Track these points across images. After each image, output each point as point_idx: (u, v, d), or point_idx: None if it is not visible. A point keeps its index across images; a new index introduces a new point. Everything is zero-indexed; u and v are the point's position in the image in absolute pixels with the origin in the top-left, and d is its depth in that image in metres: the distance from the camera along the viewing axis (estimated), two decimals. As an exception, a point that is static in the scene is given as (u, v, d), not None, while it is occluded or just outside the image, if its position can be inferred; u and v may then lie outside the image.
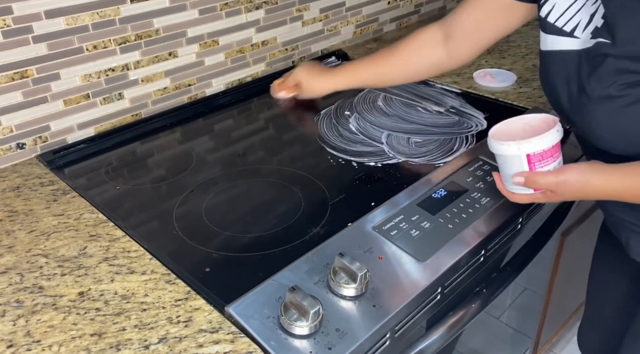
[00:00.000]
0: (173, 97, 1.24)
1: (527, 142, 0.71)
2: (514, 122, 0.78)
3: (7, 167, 1.03)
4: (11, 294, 0.73)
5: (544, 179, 0.72)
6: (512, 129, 0.77)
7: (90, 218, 0.88)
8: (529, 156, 0.72)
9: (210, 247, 0.83)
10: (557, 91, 0.76)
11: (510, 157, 0.73)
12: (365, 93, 1.28)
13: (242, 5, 1.27)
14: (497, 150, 0.74)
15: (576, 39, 0.73)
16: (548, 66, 0.78)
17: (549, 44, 0.76)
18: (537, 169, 0.72)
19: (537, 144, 0.71)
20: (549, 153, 0.72)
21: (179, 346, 0.65)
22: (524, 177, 0.73)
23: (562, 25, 0.74)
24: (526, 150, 0.71)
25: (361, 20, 1.58)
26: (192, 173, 1.02)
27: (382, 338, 0.72)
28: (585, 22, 0.72)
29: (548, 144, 0.71)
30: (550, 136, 0.71)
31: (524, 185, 0.74)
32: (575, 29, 0.73)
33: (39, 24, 0.99)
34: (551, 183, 0.72)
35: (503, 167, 0.76)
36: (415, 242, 0.81)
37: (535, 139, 0.71)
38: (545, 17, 0.77)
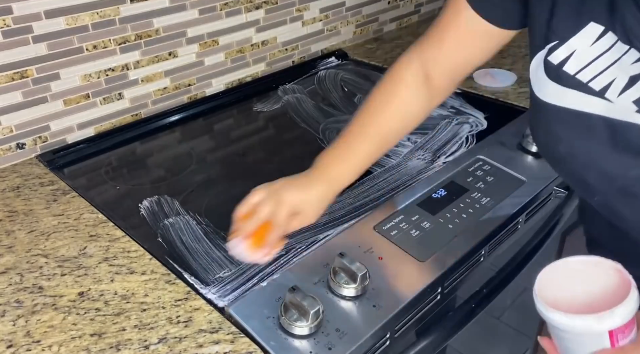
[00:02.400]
0: (173, 97, 1.24)
1: (611, 314, 0.51)
2: (557, 270, 0.59)
3: (7, 167, 1.03)
4: (11, 294, 0.73)
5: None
6: (557, 280, 0.59)
7: (90, 218, 0.88)
8: (612, 331, 0.52)
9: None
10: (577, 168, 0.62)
11: (586, 336, 0.54)
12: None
13: (242, 5, 1.27)
14: (566, 326, 0.54)
15: (608, 102, 0.57)
16: (564, 126, 0.62)
17: (570, 100, 0.60)
18: (620, 342, 0.53)
19: (622, 314, 0.51)
20: (632, 321, 0.53)
21: (179, 346, 0.65)
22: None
23: (588, 81, 0.59)
24: (610, 325, 0.52)
25: (361, 20, 1.58)
26: (192, 173, 1.02)
27: (382, 338, 0.72)
28: (622, 84, 0.57)
29: (633, 312, 0.52)
30: (633, 299, 0.52)
31: None
32: (606, 90, 0.58)
33: (39, 24, 0.99)
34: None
35: (568, 343, 0.56)
36: (415, 242, 0.81)
37: (620, 309, 0.51)
38: (559, 66, 0.62)
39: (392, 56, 1.49)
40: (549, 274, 0.59)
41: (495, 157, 0.99)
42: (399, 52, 1.60)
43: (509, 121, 1.13)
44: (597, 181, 0.61)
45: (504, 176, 0.95)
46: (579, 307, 0.54)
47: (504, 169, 0.96)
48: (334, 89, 1.32)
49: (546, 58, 0.63)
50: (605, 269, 0.56)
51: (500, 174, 0.95)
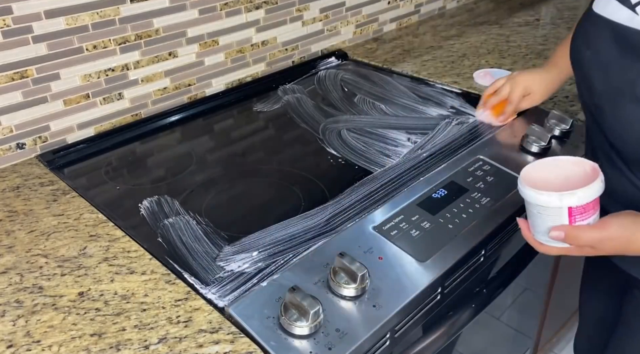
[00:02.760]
0: (173, 97, 1.24)
1: (571, 195, 0.63)
2: (545, 165, 0.70)
3: (7, 167, 1.03)
4: (11, 294, 0.73)
5: (586, 235, 0.65)
6: (543, 172, 0.69)
7: (90, 218, 0.88)
8: (571, 209, 0.64)
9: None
10: (594, 68, 0.68)
11: (549, 209, 0.65)
12: (360, 98, 1.28)
13: (242, 5, 1.27)
14: (534, 199, 0.65)
15: (635, 15, 0.63)
16: (596, 33, 0.69)
17: (610, 10, 0.67)
18: (577, 222, 0.65)
19: (581, 197, 0.63)
20: (591, 206, 0.64)
21: (179, 346, 0.65)
22: (564, 232, 0.65)
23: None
24: (569, 203, 0.63)
25: (361, 20, 1.58)
26: (192, 173, 1.02)
27: (382, 338, 0.72)
28: None
29: (592, 196, 0.63)
30: (595, 187, 0.63)
31: (564, 240, 0.66)
32: (638, 4, 0.63)
33: (39, 24, 0.99)
34: (594, 240, 0.65)
35: (536, 217, 0.68)
36: (415, 242, 0.81)
37: (580, 192, 0.63)
38: None
39: (392, 56, 1.49)
40: (539, 165, 0.70)
41: (495, 157, 0.99)
42: (399, 52, 1.61)
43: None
44: (599, 82, 0.68)
45: (504, 176, 0.95)
46: (555, 190, 0.64)
47: (504, 169, 0.96)
48: (334, 89, 1.32)
49: None
50: (584, 166, 0.68)
51: (500, 174, 0.95)
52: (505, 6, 1.88)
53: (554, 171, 0.69)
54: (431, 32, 1.66)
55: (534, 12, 1.80)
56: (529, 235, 0.72)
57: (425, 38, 1.61)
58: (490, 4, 1.92)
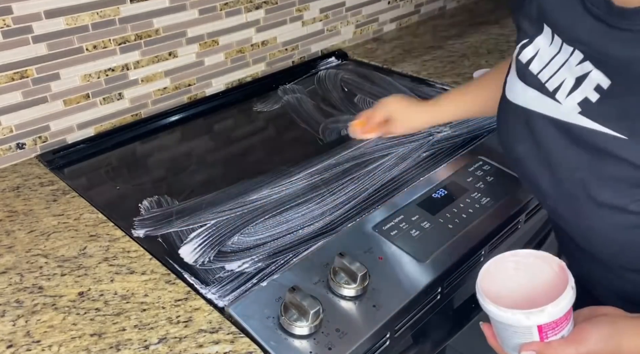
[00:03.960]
0: (173, 97, 1.24)
1: (540, 312, 0.54)
2: (504, 261, 0.61)
3: (7, 167, 1.03)
4: (11, 294, 0.73)
5: (562, 352, 0.55)
6: (502, 272, 0.60)
7: (90, 218, 0.88)
8: (541, 326, 0.55)
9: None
10: (534, 167, 0.62)
11: (515, 327, 0.56)
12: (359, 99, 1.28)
13: (242, 5, 1.27)
14: (496, 317, 0.56)
15: (558, 104, 0.58)
16: (522, 126, 0.63)
17: (529, 100, 0.62)
18: (550, 338, 0.56)
19: (552, 312, 0.54)
20: (563, 318, 0.55)
21: (179, 346, 0.65)
22: (536, 352, 0.56)
23: (545, 81, 0.60)
24: (538, 321, 0.54)
25: (361, 20, 1.58)
26: (192, 173, 1.02)
27: (382, 338, 0.72)
28: (569, 85, 0.58)
29: (564, 310, 0.54)
30: (566, 299, 0.54)
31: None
32: (557, 91, 0.59)
33: (38, 24, 0.99)
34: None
35: (501, 332, 0.59)
36: (415, 242, 0.81)
37: (550, 307, 0.54)
38: (526, 64, 0.63)
39: (392, 56, 1.49)
40: (498, 263, 0.61)
41: (495, 157, 0.99)
42: (399, 52, 1.61)
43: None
44: (548, 184, 0.62)
45: (504, 176, 0.95)
46: (521, 297, 0.57)
47: (504, 169, 0.96)
48: (334, 89, 1.32)
49: (517, 57, 0.64)
50: (551, 264, 0.58)
51: (500, 174, 0.95)
52: (505, 6, 1.88)
53: (517, 266, 0.60)
54: (431, 32, 1.66)
55: (534, 12, 1.80)
56: (496, 345, 0.61)
57: (425, 38, 1.61)
58: (490, 4, 1.92)
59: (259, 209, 0.90)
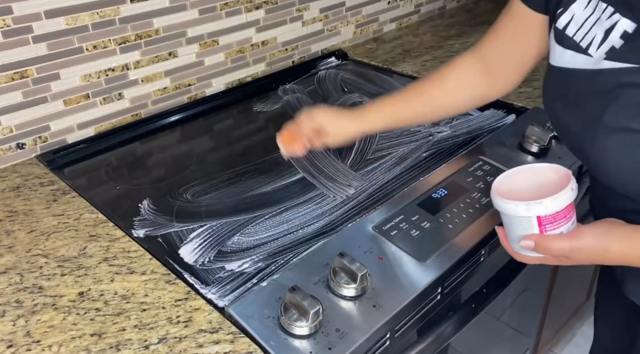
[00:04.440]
0: (173, 97, 1.24)
1: (538, 204, 0.61)
2: (521, 172, 0.68)
3: (7, 167, 1.03)
4: (11, 294, 0.73)
5: (556, 245, 0.63)
6: (518, 180, 0.68)
7: (90, 218, 0.88)
8: (540, 218, 0.62)
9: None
10: (567, 115, 0.68)
11: (518, 218, 0.63)
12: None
13: (242, 5, 1.27)
14: (502, 209, 0.64)
15: (589, 57, 0.65)
16: (559, 84, 0.69)
17: (566, 60, 0.68)
18: (548, 231, 0.63)
19: (549, 206, 0.61)
20: (561, 214, 0.62)
21: (179, 346, 0.65)
22: (534, 242, 0.64)
23: (580, 40, 0.66)
24: (536, 212, 0.61)
25: (361, 20, 1.58)
26: (192, 173, 1.02)
27: (382, 338, 0.72)
28: (599, 39, 0.64)
29: (561, 205, 0.61)
30: (564, 196, 0.61)
31: (534, 250, 0.65)
32: (589, 46, 0.65)
33: (39, 24, 0.99)
34: (565, 249, 0.63)
35: (509, 226, 0.67)
36: (415, 242, 0.81)
37: (548, 200, 0.60)
38: (563, 29, 0.69)
39: (392, 56, 1.49)
40: (514, 173, 0.68)
41: (495, 157, 0.99)
42: (399, 52, 1.61)
43: (509, 121, 1.13)
44: (576, 124, 0.67)
45: (504, 176, 0.95)
46: (529, 197, 0.62)
47: (504, 169, 0.96)
48: (334, 89, 1.32)
49: (555, 25, 0.70)
50: (560, 174, 0.65)
51: (500, 174, 0.95)
52: (505, 6, 1.88)
53: (530, 178, 0.67)
54: (431, 32, 1.66)
55: (534, 12, 1.80)
56: (506, 244, 0.70)
57: (425, 38, 1.61)
58: (490, 4, 1.92)
59: (259, 209, 0.90)
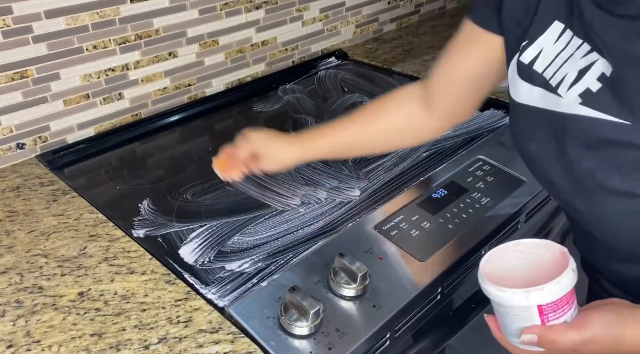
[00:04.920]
0: (173, 97, 1.24)
1: (539, 290, 0.53)
2: (509, 251, 0.60)
3: (7, 167, 1.03)
4: (11, 294, 0.73)
5: (564, 338, 0.54)
6: (507, 259, 0.60)
7: (90, 218, 0.88)
8: (541, 307, 0.54)
9: (210, 247, 0.83)
10: (547, 162, 0.63)
11: (515, 309, 0.55)
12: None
13: (242, 5, 1.27)
14: (495, 298, 0.56)
15: (560, 98, 0.59)
16: (531, 124, 0.64)
17: (535, 98, 0.63)
18: (551, 321, 0.55)
19: (551, 292, 0.53)
20: (564, 300, 0.54)
21: (179, 346, 0.65)
22: (537, 335, 0.55)
23: (549, 78, 0.61)
24: (537, 300, 0.53)
25: (361, 20, 1.58)
26: (192, 173, 1.02)
27: (382, 338, 0.72)
28: (572, 78, 0.58)
29: (564, 290, 0.54)
30: (566, 279, 0.54)
31: (537, 344, 0.56)
32: (559, 85, 0.60)
33: (39, 24, 0.99)
34: (575, 342, 0.54)
35: (503, 317, 0.58)
36: (415, 242, 0.81)
37: (549, 286, 0.53)
38: (530, 65, 0.63)
39: (392, 56, 1.49)
40: (500, 252, 0.60)
41: (495, 157, 0.99)
42: (399, 52, 1.60)
43: (509, 121, 1.13)
44: (561, 178, 0.62)
45: (504, 176, 0.95)
46: (522, 283, 0.55)
47: (504, 169, 0.96)
48: (334, 89, 1.32)
49: (519, 59, 0.65)
50: (553, 251, 0.58)
51: (500, 174, 0.95)
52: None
53: (519, 257, 0.60)
54: (431, 32, 1.66)
55: (534, 12, 1.80)
56: (500, 336, 0.61)
57: (425, 38, 1.61)
58: (490, 4, 1.92)
59: (259, 209, 0.90)
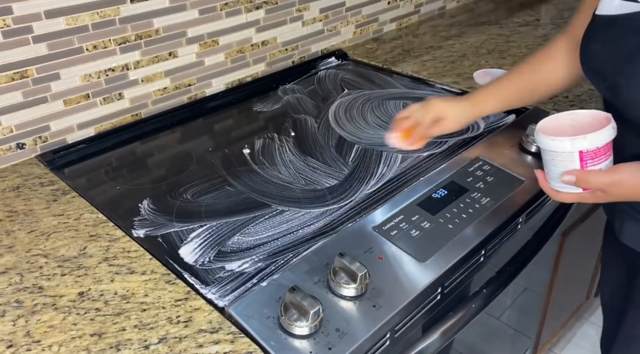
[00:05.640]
0: (173, 97, 1.24)
1: (582, 139, 0.66)
2: (562, 118, 0.73)
3: (7, 167, 1.03)
4: (11, 294, 0.73)
5: (596, 179, 0.68)
6: (559, 124, 0.72)
7: (90, 218, 0.88)
8: (582, 153, 0.67)
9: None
10: (605, 55, 0.71)
11: (561, 154, 0.68)
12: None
13: (242, 5, 1.27)
14: (547, 145, 0.69)
15: (637, 4, 0.67)
16: (603, 30, 0.72)
17: (614, 7, 0.70)
18: (589, 167, 0.68)
19: (592, 140, 0.66)
20: (602, 151, 0.67)
21: (179, 346, 0.65)
22: (575, 176, 0.68)
23: None
24: (580, 147, 0.66)
25: (361, 20, 1.58)
26: (192, 173, 1.02)
27: (382, 338, 0.72)
28: None
29: (603, 141, 0.66)
30: (606, 132, 0.66)
31: (575, 184, 0.69)
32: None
33: (39, 24, 0.99)
34: (605, 183, 0.68)
35: (550, 164, 0.71)
36: (415, 242, 0.81)
37: (591, 136, 0.66)
38: None
39: (392, 56, 1.49)
40: (553, 120, 0.72)
41: (495, 157, 0.99)
42: (399, 52, 1.60)
43: (509, 121, 1.13)
44: (613, 65, 0.70)
45: (504, 176, 0.95)
46: (563, 135, 0.67)
47: (504, 169, 0.96)
48: (334, 89, 1.32)
49: None
50: (600, 119, 0.69)
51: (500, 174, 0.95)
52: (505, 6, 1.88)
53: (569, 123, 0.72)
54: (431, 32, 1.66)
55: (534, 12, 1.80)
56: (545, 184, 0.74)
57: (425, 38, 1.61)
58: (490, 4, 1.92)
59: (259, 209, 0.90)
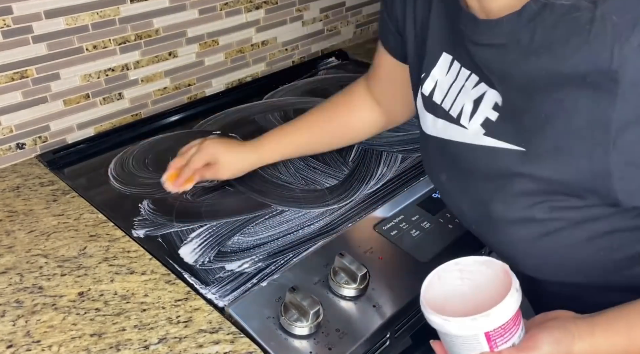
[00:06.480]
0: (173, 97, 1.24)
1: (484, 317, 0.51)
2: (447, 271, 0.58)
3: (7, 167, 1.03)
4: (11, 294, 0.73)
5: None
6: (447, 282, 0.58)
7: (90, 218, 0.88)
8: (488, 333, 0.52)
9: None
10: (457, 193, 0.64)
11: (462, 338, 0.53)
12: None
13: (242, 5, 1.27)
14: (441, 328, 0.53)
15: (464, 129, 0.60)
16: (440, 155, 0.65)
17: (440, 129, 0.63)
18: (499, 346, 0.53)
19: (497, 317, 0.51)
20: (511, 323, 0.52)
21: (179, 346, 0.65)
22: None
23: (448, 109, 0.62)
24: (484, 327, 0.52)
25: (361, 20, 1.58)
26: (192, 173, 1.02)
27: (382, 338, 0.72)
28: (469, 109, 0.59)
29: (510, 313, 0.52)
30: (511, 301, 0.52)
31: None
32: (460, 117, 0.60)
33: (39, 24, 0.99)
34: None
35: (450, 346, 0.56)
36: (415, 242, 0.81)
37: (495, 311, 0.51)
38: (430, 96, 0.64)
39: (392, 56, 1.49)
40: (441, 274, 0.58)
41: (495, 157, 0.99)
42: (399, 52, 1.58)
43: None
44: (469, 210, 0.63)
45: (504, 176, 0.95)
46: (467, 307, 0.53)
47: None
48: (334, 89, 1.32)
49: (421, 90, 0.66)
50: (494, 269, 0.56)
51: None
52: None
53: (459, 277, 0.58)
54: (431, 32, 1.66)
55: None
56: None
57: (425, 38, 1.61)
58: (490, 4, 1.92)
59: (259, 209, 0.90)
